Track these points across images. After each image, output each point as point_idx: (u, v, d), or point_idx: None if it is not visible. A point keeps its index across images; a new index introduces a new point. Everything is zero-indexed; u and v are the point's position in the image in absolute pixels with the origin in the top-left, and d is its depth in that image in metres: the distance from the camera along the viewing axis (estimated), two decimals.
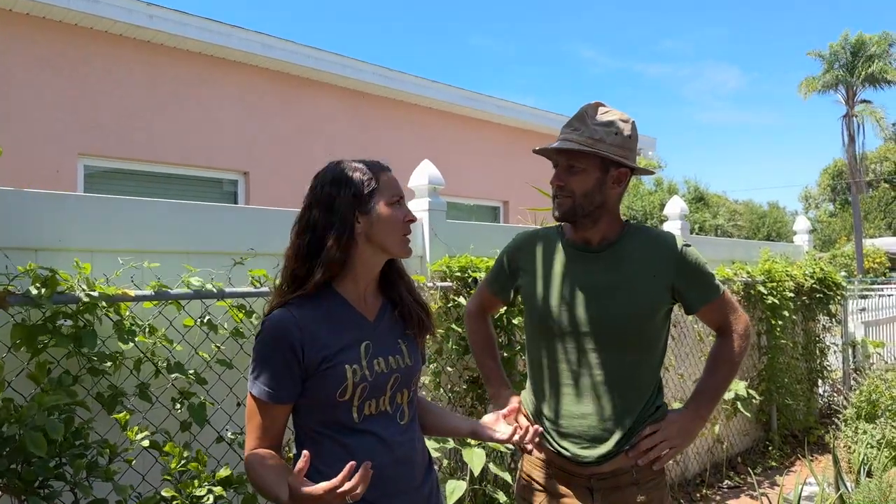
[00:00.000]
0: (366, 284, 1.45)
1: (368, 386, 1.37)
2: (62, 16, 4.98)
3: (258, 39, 5.92)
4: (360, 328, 1.41)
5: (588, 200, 1.67)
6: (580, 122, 1.68)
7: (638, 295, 1.67)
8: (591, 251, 1.73)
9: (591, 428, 1.67)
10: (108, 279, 2.07)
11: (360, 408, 1.37)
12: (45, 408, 1.56)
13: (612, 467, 1.68)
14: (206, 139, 5.78)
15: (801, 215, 6.91)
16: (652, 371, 1.73)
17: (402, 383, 1.44)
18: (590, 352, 1.68)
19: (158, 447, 1.93)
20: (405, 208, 1.45)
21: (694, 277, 1.72)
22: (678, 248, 1.72)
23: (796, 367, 5.59)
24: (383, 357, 1.41)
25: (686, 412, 1.74)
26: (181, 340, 2.20)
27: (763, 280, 5.13)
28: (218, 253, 2.37)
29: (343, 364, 1.35)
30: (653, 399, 1.72)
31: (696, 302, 1.74)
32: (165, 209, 2.34)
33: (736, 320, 1.78)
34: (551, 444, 1.72)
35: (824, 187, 42.75)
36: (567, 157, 1.68)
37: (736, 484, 4.67)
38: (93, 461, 1.68)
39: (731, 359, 1.77)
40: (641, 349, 1.70)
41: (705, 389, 1.78)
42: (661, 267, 1.70)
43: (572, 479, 1.71)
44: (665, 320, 1.75)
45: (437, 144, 7.57)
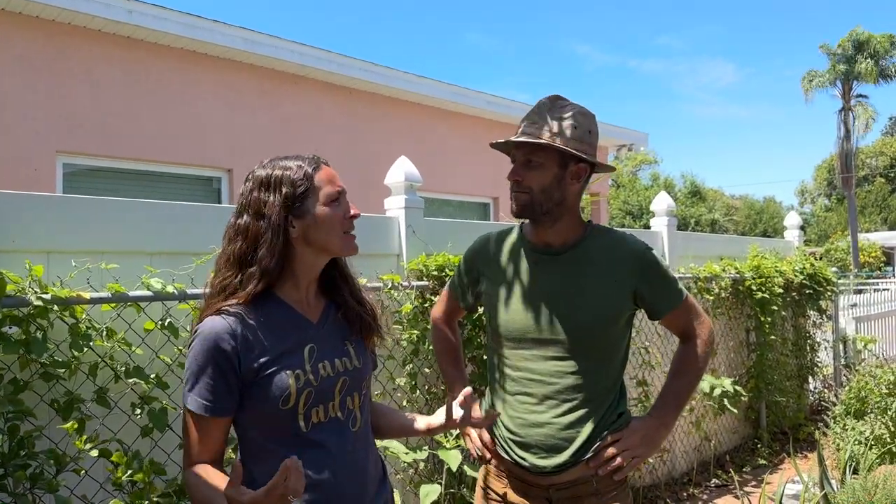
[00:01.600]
0: (307, 286, 1.37)
1: (314, 391, 1.30)
2: (39, 11, 4.90)
3: (241, 35, 5.85)
4: (302, 331, 1.34)
5: (546, 196, 1.61)
6: (538, 115, 1.62)
7: (599, 300, 1.62)
8: (551, 254, 1.67)
9: (548, 437, 1.61)
10: (63, 281, 2.00)
11: (306, 416, 1.29)
12: None
13: (572, 477, 1.62)
14: (189, 136, 5.71)
15: (793, 211, 6.85)
16: (613, 378, 1.67)
17: (351, 387, 1.36)
18: (548, 359, 1.62)
19: (107, 455, 1.87)
20: (345, 204, 1.38)
21: (657, 282, 1.67)
22: (642, 253, 1.67)
23: (786, 363, 5.55)
24: (329, 360, 1.34)
25: (650, 420, 1.69)
26: (141, 344, 2.13)
27: (752, 276, 5.08)
28: (182, 253, 2.30)
29: (284, 370, 1.27)
30: (614, 406, 1.66)
31: (660, 308, 1.69)
32: (126, 208, 2.27)
33: (700, 326, 1.73)
34: (509, 454, 1.67)
35: (820, 182, 42.76)
36: (524, 151, 1.62)
37: (723, 482, 4.62)
38: (38, 472, 1.61)
39: (695, 365, 1.72)
40: (602, 356, 1.65)
41: (669, 396, 1.72)
42: (624, 271, 1.64)
43: (531, 490, 1.66)
44: (627, 326, 1.70)
45: (427, 140, 7.50)
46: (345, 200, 1.38)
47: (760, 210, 41.99)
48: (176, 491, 1.88)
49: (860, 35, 28.40)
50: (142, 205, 2.31)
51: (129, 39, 5.39)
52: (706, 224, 32.63)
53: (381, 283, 2.85)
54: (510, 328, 1.66)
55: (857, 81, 29.35)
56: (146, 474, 1.85)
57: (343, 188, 1.38)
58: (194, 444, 1.27)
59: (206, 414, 1.25)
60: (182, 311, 2.24)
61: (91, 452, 1.82)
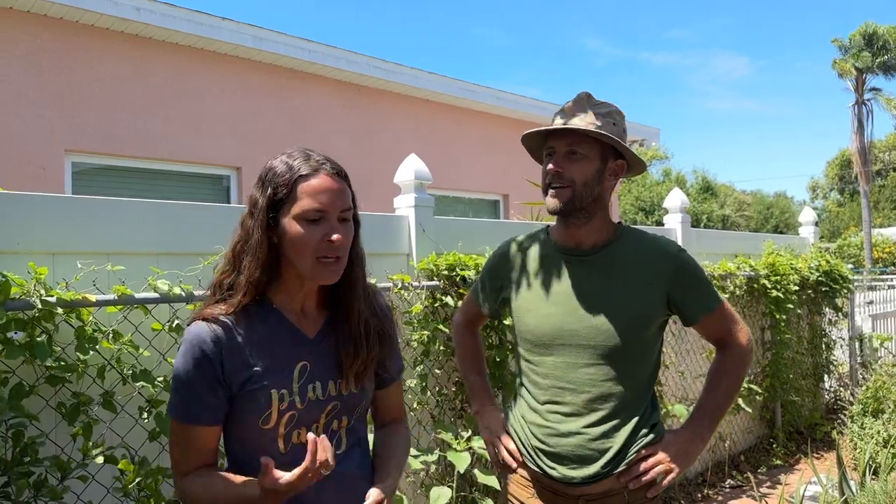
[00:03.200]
0: (304, 297, 1.27)
1: (297, 414, 1.22)
2: (46, 10, 4.88)
3: (249, 32, 5.81)
4: (295, 346, 1.24)
5: (588, 191, 1.54)
6: (578, 107, 1.56)
7: (632, 304, 1.56)
8: (581, 255, 1.61)
9: (579, 447, 1.55)
10: (68, 283, 1.97)
11: (286, 436, 1.22)
12: None
13: (603, 489, 1.57)
14: (198, 134, 5.68)
15: (808, 206, 6.75)
16: (644, 386, 1.61)
17: (340, 411, 1.26)
18: (579, 366, 1.56)
19: (115, 462, 1.84)
20: (327, 226, 1.20)
21: (692, 286, 1.60)
22: (676, 255, 1.60)
23: (801, 362, 5.47)
24: (322, 381, 1.25)
25: (685, 433, 1.62)
26: (148, 346, 2.10)
27: (767, 274, 5.00)
28: (188, 254, 2.27)
29: (269, 388, 1.19)
30: (647, 416, 1.60)
31: (695, 312, 1.62)
32: (132, 209, 2.23)
33: (738, 332, 1.66)
34: (537, 464, 1.61)
35: (832, 177, 42.34)
36: (569, 142, 1.54)
37: (738, 483, 4.55)
38: (42, 479, 1.58)
39: (734, 373, 1.65)
40: (634, 362, 1.58)
41: (706, 408, 1.65)
42: (658, 275, 1.57)
43: (559, 500, 1.61)
44: (659, 333, 1.63)
45: (435, 137, 7.45)
46: (329, 221, 1.21)
47: (772, 205, 41.65)
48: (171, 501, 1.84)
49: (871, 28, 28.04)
50: (147, 205, 2.27)
51: (137, 37, 5.37)
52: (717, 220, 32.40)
53: (390, 283, 2.80)
54: (539, 334, 1.60)
55: (870, 74, 29.01)
56: (155, 481, 1.81)
57: (324, 208, 1.20)
58: (183, 453, 1.21)
59: (187, 422, 1.20)
60: (189, 312, 2.20)
61: (97, 459, 1.79)
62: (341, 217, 1.22)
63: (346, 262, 1.24)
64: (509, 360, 3.05)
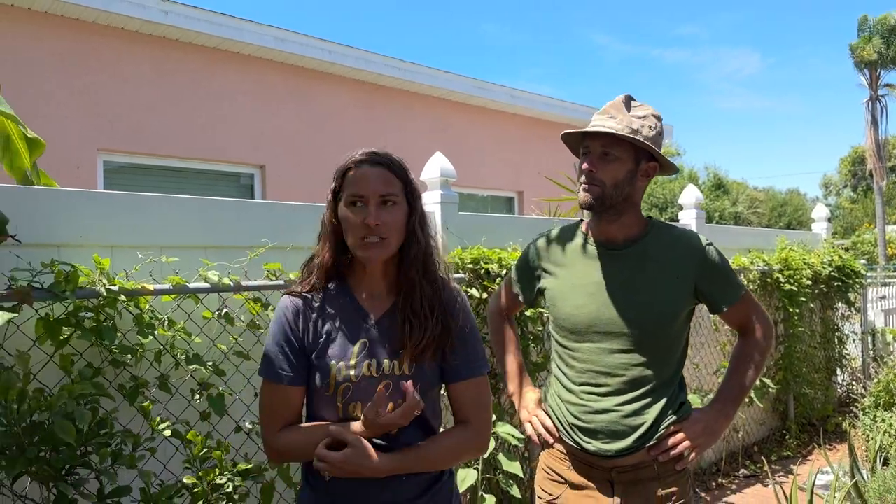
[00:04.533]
0: (370, 280, 1.40)
1: (352, 387, 1.33)
2: (79, 13, 5.05)
3: (271, 33, 5.96)
4: (360, 325, 1.37)
5: (618, 191, 1.66)
6: (617, 110, 1.67)
7: (662, 295, 1.68)
8: (614, 249, 1.73)
9: (612, 423, 1.68)
10: (128, 274, 2.12)
11: (344, 407, 1.34)
12: (74, 397, 1.62)
13: (634, 461, 1.69)
14: (222, 133, 5.84)
15: (820, 203, 6.82)
16: (673, 369, 1.73)
17: (394, 392, 1.34)
18: (613, 351, 1.69)
19: (180, 436, 1.99)
20: (365, 210, 1.33)
21: (718, 277, 1.72)
22: (703, 248, 1.72)
23: (814, 355, 5.56)
24: (377, 359, 1.35)
25: (711, 411, 1.74)
26: (199, 333, 2.25)
27: (780, 268, 5.09)
28: (235, 247, 2.41)
29: (330, 360, 1.34)
30: (675, 395, 1.72)
31: (721, 302, 1.74)
32: (183, 205, 2.38)
33: (759, 319, 1.78)
34: (573, 439, 1.74)
35: (845, 174, 42.06)
36: (602, 143, 1.66)
37: (752, 472, 4.66)
38: (118, 450, 1.73)
39: (755, 358, 1.77)
40: (664, 348, 1.70)
41: (730, 389, 1.77)
42: (686, 267, 1.69)
43: (593, 472, 1.73)
44: (687, 320, 1.75)
45: (451, 135, 7.57)
46: (369, 207, 1.33)
47: (785, 202, 41.44)
48: (242, 471, 1.99)
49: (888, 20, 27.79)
50: (196, 201, 2.42)
51: (164, 39, 5.54)
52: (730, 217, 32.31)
53: None
54: (575, 322, 1.72)
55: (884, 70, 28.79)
56: (224, 450, 1.97)
57: (362, 192, 1.34)
58: (270, 412, 1.37)
59: (271, 380, 1.36)
60: (236, 301, 2.35)
61: (165, 432, 1.94)
62: (383, 201, 1.34)
63: (392, 243, 1.35)
64: (530, 349, 3.19)
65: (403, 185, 1.39)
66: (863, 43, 27.98)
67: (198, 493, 1.87)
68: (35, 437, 1.59)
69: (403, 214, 1.37)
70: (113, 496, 1.74)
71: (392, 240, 1.35)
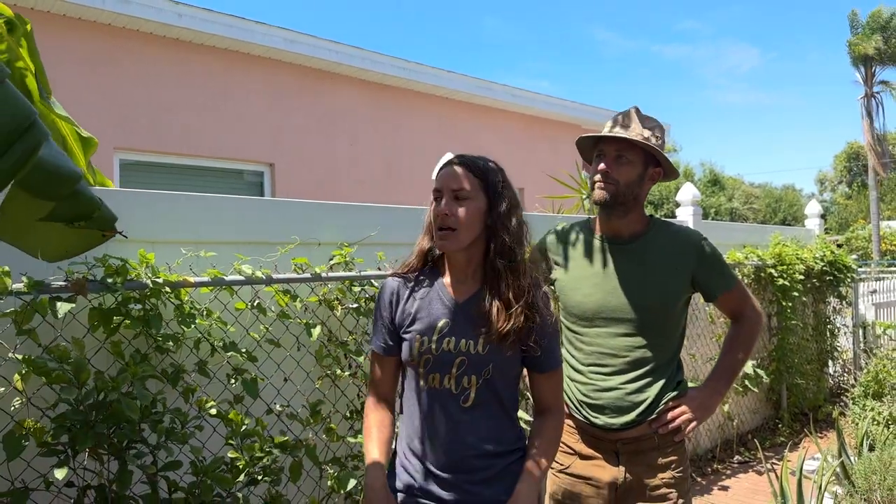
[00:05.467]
0: (456, 268, 1.56)
1: (432, 359, 1.51)
2: (96, 16, 5.21)
3: (280, 34, 6.12)
4: (444, 306, 1.54)
5: (630, 190, 1.85)
6: (629, 119, 1.87)
7: (663, 285, 1.87)
8: (620, 243, 1.92)
9: (618, 400, 1.86)
10: (170, 267, 2.30)
11: (425, 376, 1.53)
12: (136, 378, 1.80)
13: (637, 433, 1.88)
14: (233, 132, 6.01)
15: (814, 200, 7.02)
16: (672, 351, 1.93)
17: (469, 368, 1.50)
18: (618, 335, 1.87)
19: (222, 416, 2.17)
20: (440, 204, 1.51)
21: (712, 269, 1.93)
22: (699, 243, 1.93)
23: (806, 347, 5.75)
24: (456, 338, 1.51)
25: (705, 389, 1.95)
26: (234, 322, 2.42)
27: (773, 263, 5.28)
28: (266, 243, 2.59)
29: (415, 333, 1.53)
30: (673, 375, 1.92)
31: (715, 291, 1.94)
32: (218, 203, 2.55)
33: (750, 308, 1.99)
34: (582, 415, 1.92)
35: (840, 170, 42.33)
36: (618, 147, 1.86)
37: (745, 459, 4.86)
38: (170, 427, 1.91)
39: (745, 342, 1.98)
40: (664, 332, 1.89)
41: (723, 369, 1.99)
42: (684, 260, 1.90)
43: (600, 444, 1.92)
44: (685, 307, 1.95)
45: (455, 133, 7.75)
46: (442, 199, 1.51)
47: (780, 198, 41.69)
48: (279, 444, 2.17)
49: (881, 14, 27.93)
50: (230, 200, 2.59)
51: (178, 41, 5.70)
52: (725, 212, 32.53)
53: None
54: (584, 309, 1.91)
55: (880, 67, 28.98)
56: (261, 427, 2.15)
57: (438, 187, 1.52)
58: (372, 377, 1.63)
59: (374, 349, 1.61)
60: (267, 293, 2.53)
61: (211, 411, 2.12)
62: (455, 196, 1.50)
63: (461, 235, 1.49)
64: None
65: (482, 182, 1.53)
66: (861, 39, 28.12)
67: (241, 466, 2.05)
68: (99, 414, 1.76)
69: (477, 210, 1.50)
70: (166, 469, 1.92)
71: (461, 232, 1.48)
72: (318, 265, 2.66)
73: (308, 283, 2.63)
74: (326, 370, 2.69)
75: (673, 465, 1.89)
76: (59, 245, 1.17)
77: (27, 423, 1.86)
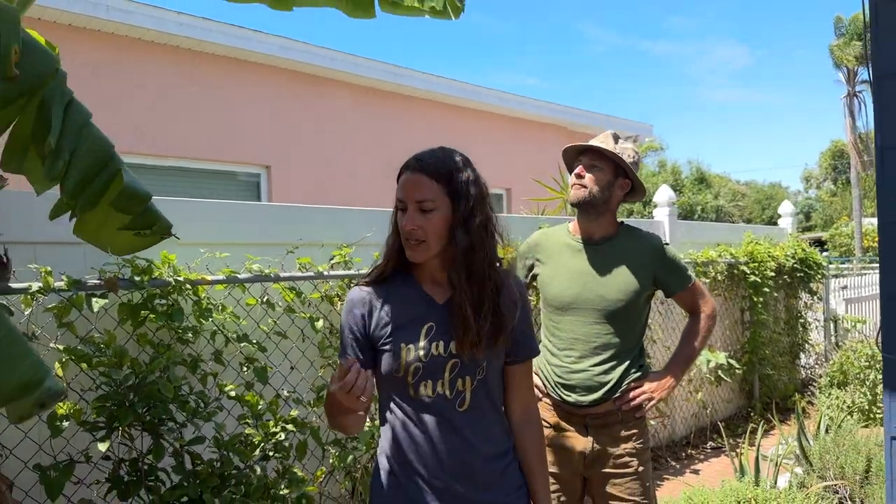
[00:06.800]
0: (431, 270, 1.48)
1: (422, 367, 1.42)
2: (100, 26, 5.44)
3: (276, 42, 6.37)
4: (425, 309, 1.46)
5: (600, 194, 2.15)
6: (608, 137, 2.19)
7: (628, 281, 2.17)
8: (593, 244, 2.22)
9: (587, 380, 2.15)
10: (189, 267, 2.56)
11: (415, 386, 1.43)
12: (170, 363, 2.06)
13: (604, 410, 2.17)
14: (231, 135, 6.25)
15: (787, 200, 7.35)
16: (636, 338, 2.23)
17: (462, 370, 1.43)
18: (588, 323, 2.16)
19: (240, 398, 2.44)
20: (404, 215, 1.43)
21: (671, 269, 2.25)
22: (661, 247, 2.24)
23: (778, 340, 6.07)
24: (444, 341, 1.43)
25: (664, 372, 2.27)
26: (246, 316, 2.69)
27: (746, 261, 5.60)
28: (274, 244, 2.86)
29: (399, 342, 1.43)
30: (636, 359, 2.22)
31: (674, 288, 2.27)
32: (230, 208, 2.82)
33: (704, 303, 2.30)
34: (557, 394, 2.21)
35: (825, 167, 42.97)
36: (591, 157, 2.16)
37: (718, 445, 5.18)
38: (195, 407, 2.18)
39: (700, 333, 2.29)
40: (629, 322, 2.19)
41: (680, 356, 2.31)
42: (647, 260, 2.20)
43: (572, 419, 2.21)
44: (648, 301, 2.26)
45: (444, 135, 8.00)
46: (407, 211, 1.43)
47: (768, 196, 42.28)
48: (291, 420, 2.45)
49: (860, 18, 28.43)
50: (241, 205, 2.87)
51: (178, 49, 5.93)
52: (712, 210, 33.01)
53: None
54: (560, 300, 2.20)
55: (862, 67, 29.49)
56: (275, 406, 2.42)
57: (402, 198, 1.44)
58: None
59: (341, 359, 1.45)
60: (274, 290, 2.80)
61: (231, 393, 2.39)
62: (419, 207, 1.41)
63: (431, 245, 1.42)
64: None
65: (445, 187, 1.42)
66: (841, 46, 28.62)
67: (257, 442, 2.32)
68: (136, 395, 2.03)
69: (443, 218, 1.42)
70: (191, 444, 2.19)
71: (431, 242, 1.42)
72: (321, 264, 2.93)
73: (311, 281, 2.91)
74: (328, 360, 2.97)
75: (634, 437, 2.19)
76: (125, 244, 1.45)
77: (66, 405, 2.13)
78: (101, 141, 1.21)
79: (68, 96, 1.22)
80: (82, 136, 1.18)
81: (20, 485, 2.13)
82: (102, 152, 1.19)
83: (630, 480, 2.14)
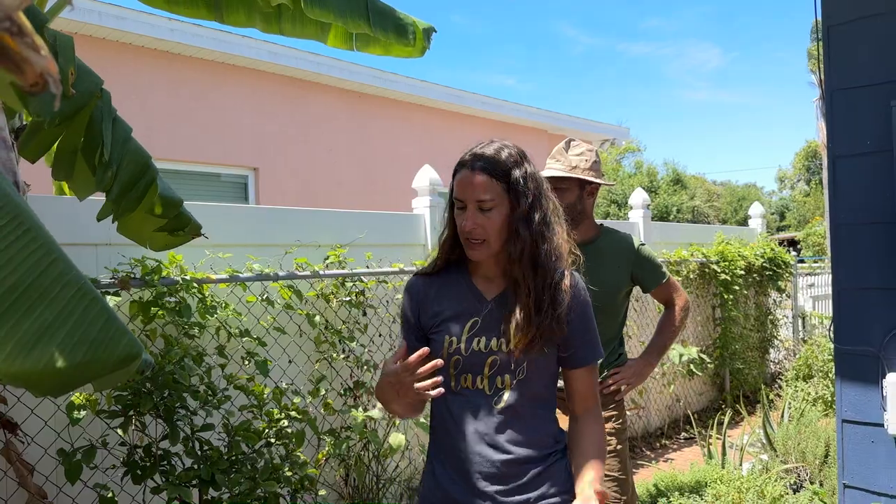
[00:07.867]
0: (484, 266, 1.48)
1: (462, 360, 1.43)
2: (93, 31, 5.55)
3: (265, 47, 6.52)
4: (472, 304, 1.46)
5: (572, 210, 2.32)
6: (560, 154, 2.38)
7: (608, 279, 2.37)
8: (578, 246, 2.42)
9: None
10: (195, 266, 2.74)
11: (456, 377, 1.45)
12: (185, 354, 2.24)
13: None
14: (220, 138, 6.39)
15: (757, 202, 7.67)
16: (616, 330, 2.45)
17: (501, 368, 1.43)
18: None
19: (245, 389, 2.62)
20: (465, 214, 1.41)
21: (647, 267, 2.46)
22: (637, 248, 2.45)
23: (748, 336, 6.37)
24: (486, 337, 1.43)
25: (640, 360, 2.48)
26: (247, 313, 2.87)
27: (717, 260, 5.87)
28: (273, 245, 3.04)
29: (444, 334, 1.45)
30: (616, 349, 2.44)
31: (650, 284, 2.48)
32: (232, 212, 3.00)
33: (678, 297, 2.53)
34: None
35: (799, 168, 43.87)
36: (552, 182, 2.32)
37: (691, 436, 5.45)
38: (207, 396, 2.36)
39: (673, 324, 2.52)
40: (609, 315, 2.39)
41: (655, 345, 2.53)
42: (624, 259, 2.42)
43: (559, 402, 2.42)
44: (627, 296, 2.47)
45: (428, 138, 8.22)
46: (466, 210, 1.41)
47: (743, 196, 43.05)
48: (294, 408, 2.63)
49: None
50: (242, 209, 3.04)
51: (169, 54, 6.06)
52: (687, 211, 33.56)
53: (413, 267, 3.60)
54: None
55: None
56: (280, 394, 2.61)
57: (461, 198, 1.42)
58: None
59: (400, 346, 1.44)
60: (273, 288, 2.98)
61: (238, 383, 2.57)
62: (479, 207, 1.40)
63: (492, 243, 1.41)
64: None
65: (505, 185, 1.42)
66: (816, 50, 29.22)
67: (262, 428, 2.51)
68: (153, 385, 2.20)
69: (501, 216, 1.41)
70: (202, 430, 2.36)
71: (492, 240, 1.41)
72: (316, 264, 3.12)
73: (308, 280, 3.09)
74: (323, 354, 3.15)
75: (613, 418, 2.41)
76: (162, 241, 1.64)
77: (82, 395, 2.30)
78: (140, 153, 1.39)
79: (113, 113, 1.40)
80: (126, 150, 1.36)
81: (41, 470, 2.30)
82: (142, 163, 1.38)
83: (609, 457, 2.37)
